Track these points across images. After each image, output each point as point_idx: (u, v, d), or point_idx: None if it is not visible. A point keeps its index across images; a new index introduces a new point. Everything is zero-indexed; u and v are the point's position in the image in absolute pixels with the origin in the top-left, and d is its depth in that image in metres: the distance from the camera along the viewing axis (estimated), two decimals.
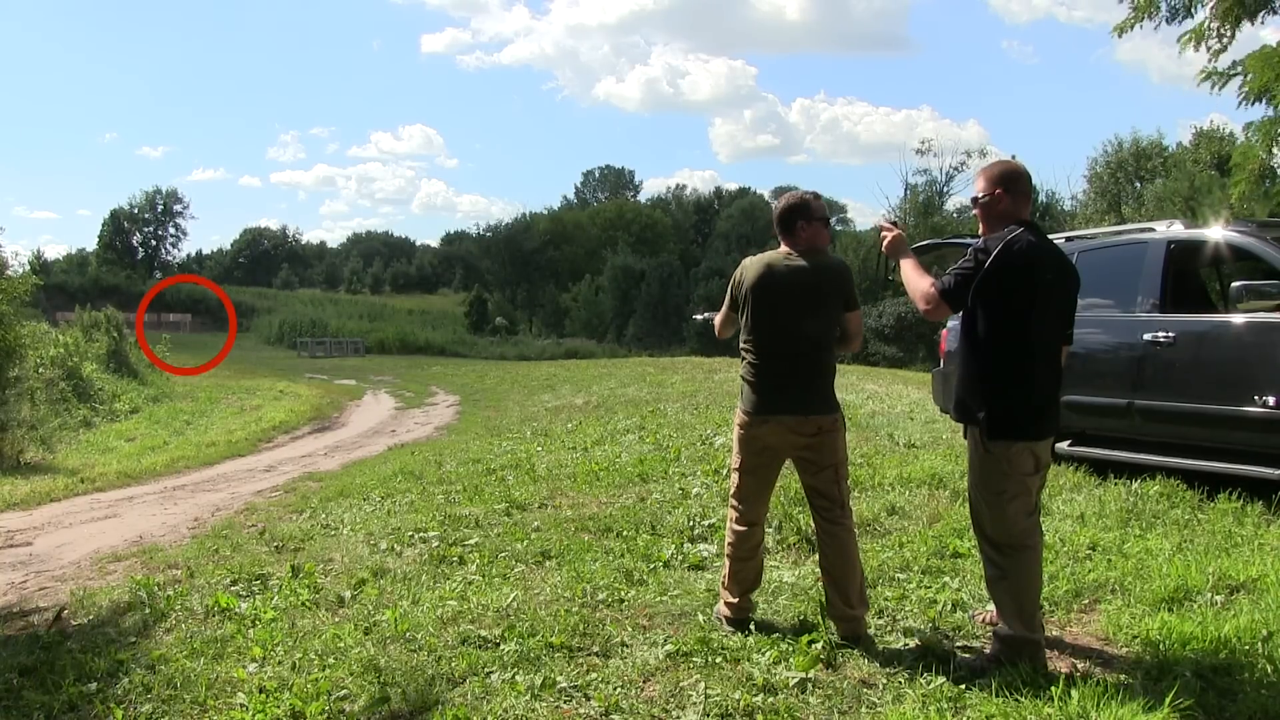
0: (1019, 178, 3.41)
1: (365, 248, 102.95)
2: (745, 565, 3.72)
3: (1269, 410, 5.02)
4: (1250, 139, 10.25)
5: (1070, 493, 5.69)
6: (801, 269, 3.58)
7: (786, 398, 3.58)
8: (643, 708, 3.04)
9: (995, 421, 3.23)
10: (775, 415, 3.59)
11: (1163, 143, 35.14)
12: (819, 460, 3.60)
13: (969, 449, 3.36)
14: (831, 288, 3.61)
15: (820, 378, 3.63)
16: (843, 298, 3.63)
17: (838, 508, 3.61)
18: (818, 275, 3.58)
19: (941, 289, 3.24)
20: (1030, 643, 3.20)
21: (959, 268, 3.24)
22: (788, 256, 3.63)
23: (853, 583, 3.54)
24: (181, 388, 21.21)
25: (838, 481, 3.61)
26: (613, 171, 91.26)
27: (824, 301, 3.60)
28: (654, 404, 12.87)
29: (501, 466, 8.20)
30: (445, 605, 4.05)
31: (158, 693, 3.28)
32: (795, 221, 3.66)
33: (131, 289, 54.43)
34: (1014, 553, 3.24)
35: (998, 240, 3.23)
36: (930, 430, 8.61)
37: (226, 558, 5.41)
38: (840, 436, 3.64)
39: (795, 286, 3.57)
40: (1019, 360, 3.24)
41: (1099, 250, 6.50)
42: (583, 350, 42.91)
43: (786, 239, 3.69)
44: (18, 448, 11.48)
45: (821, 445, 3.58)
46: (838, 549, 3.58)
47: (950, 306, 3.27)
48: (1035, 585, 3.28)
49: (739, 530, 3.72)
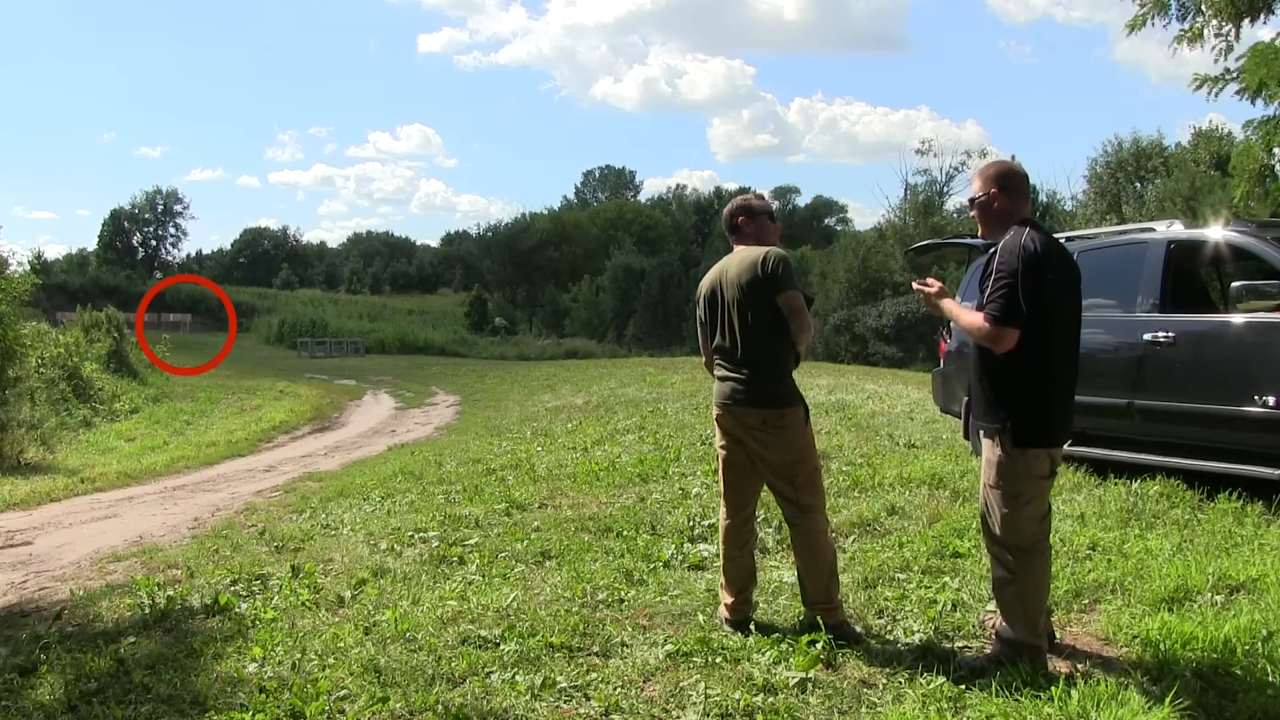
0: (1015, 177, 3.39)
1: (365, 248, 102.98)
2: (734, 563, 3.74)
3: (1269, 410, 5.01)
4: (1250, 138, 10.25)
5: (1070, 493, 5.69)
6: (738, 264, 3.66)
7: (721, 390, 3.71)
8: (643, 708, 3.04)
9: (1022, 428, 3.19)
10: (716, 408, 3.75)
11: (1163, 143, 35.12)
12: (767, 456, 3.61)
13: (986, 452, 3.30)
14: (755, 274, 3.57)
15: (756, 370, 3.60)
16: (770, 283, 3.56)
17: (793, 507, 3.61)
18: (748, 267, 3.61)
19: (995, 318, 3.12)
20: (1032, 647, 3.19)
21: (994, 288, 3.14)
22: (728, 257, 3.76)
23: (813, 581, 3.59)
24: (181, 388, 21.20)
25: (790, 480, 3.59)
26: (613, 171, 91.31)
27: (750, 293, 3.58)
28: (654, 404, 12.87)
29: (501, 466, 8.20)
30: (445, 605, 4.05)
31: (158, 693, 3.28)
32: (736, 221, 3.80)
33: (132, 289, 54.36)
34: (1025, 556, 3.22)
35: (1013, 244, 3.17)
36: (930, 430, 8.61)
37: (226, 558, 5.41)
38: (791, 435, 3.59)
39: (730, 282, 3.65)
40: (1045, 364, 3.19)
41: (1099, 250, 6.50)
42: (583, 350, 42.81)
43: (735, 239, 3.81)
44: (18, 448, 11.48)
45: (769, 440, 3.58)
46: (797, 547, 3.65)
47: (1013, 328, 3.11)
48: (1043, 590, 3.27)
49: (723, 525, 3.80)
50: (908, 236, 33.17)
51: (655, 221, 72.26)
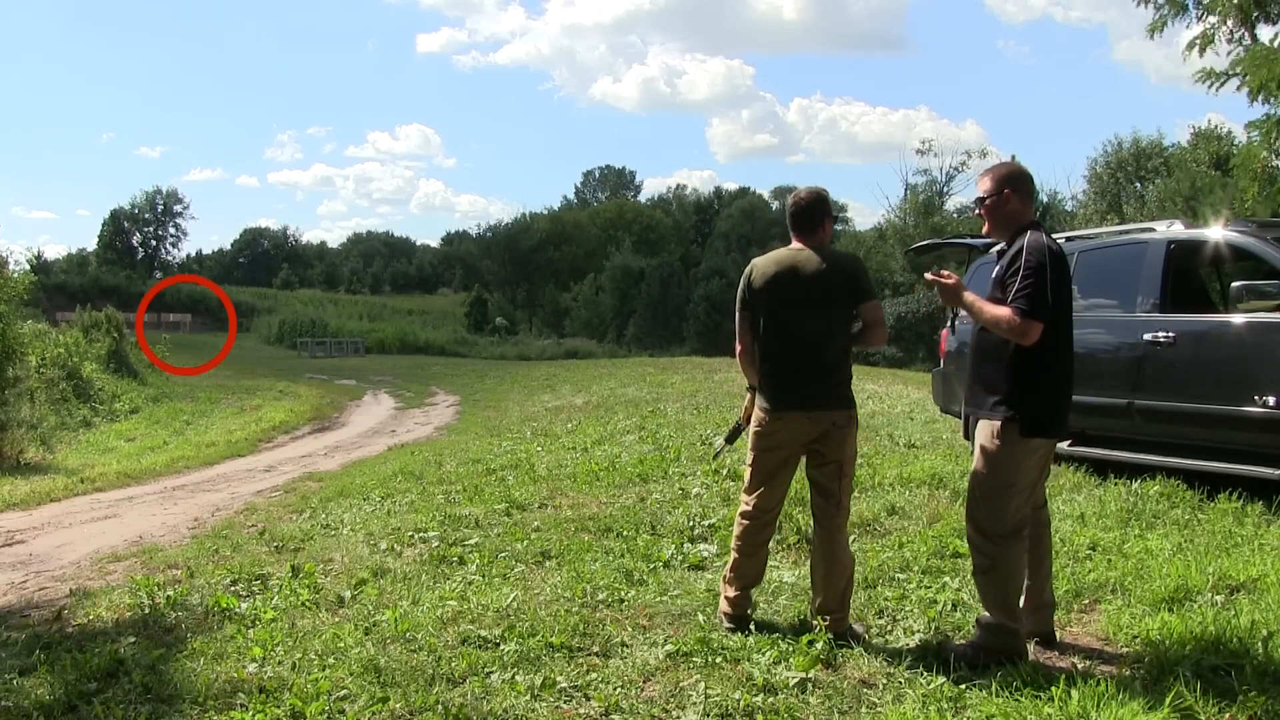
0: (1025, 179, 3.46)
1: (365, 248, 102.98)
2: (750, 559, 3.74)
3: (1269, 410, 5.02)
4: (1251, 139, 10.24)
5: (1070, 493, 5.69)
6: (817, 265, 3.60)
7: (799, 394, 3.62)
8: (643, 708, 3.04)
9: (1034, 418, 3.26)
10: (789, 411, 3.63)
11: (1163, 143, 35.10)
12: (836, 455, 3.62)
13: (982, 440, 3.35)
14: (843, 280, 3.60)
15: (836, 373, 3.64)
16: (856, 291, 3.61)
17: (833, 504, 3.61)
18: (832, 270, 3.59)
19: (1024, 311, 3.16)
20: (1010, 630, 3.27)
21: (1022, 283, 3.17)
22: (798, 253, 3.66)
23: (831, 586, 3.56)
24: (181, 388, 21.19)
25: (841, 477, 3.62)
26: (613, 171, 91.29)
27: (835, 297, 3.60)
28: (654, 404, 12.88)
29: (501, 466, 8.20)
30: (445, 605, 4.04)
31: (158, 693, 3.28)
32: (822, 217, 3.70)
33: (132, 289, 54.34)
34: (1005, 543, 3.29)
35: (1038, 243, 3.23)
36: (930, 430, 8.61)
37: (226, 558, 5.41)
38: (854, 434, 3.67)
39: (810, 283, 3.58)
40: (1053, 360, 3.28)
41: (1100, 250, 6.50)
42: (583, 350, 42.80)
43: (806, 236, 3.69)
44: (18, 448, 11.48)
45: (841, 439, 3.61)
46: (824, 549, 3.62)
47: (1041, 321, 3.17)
48: (1020, 576, 3.36)
49: (749, 521, 3.73)
50: (908, 236, 33.20)
51: (655, 221, 72.24)
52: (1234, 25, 9.64)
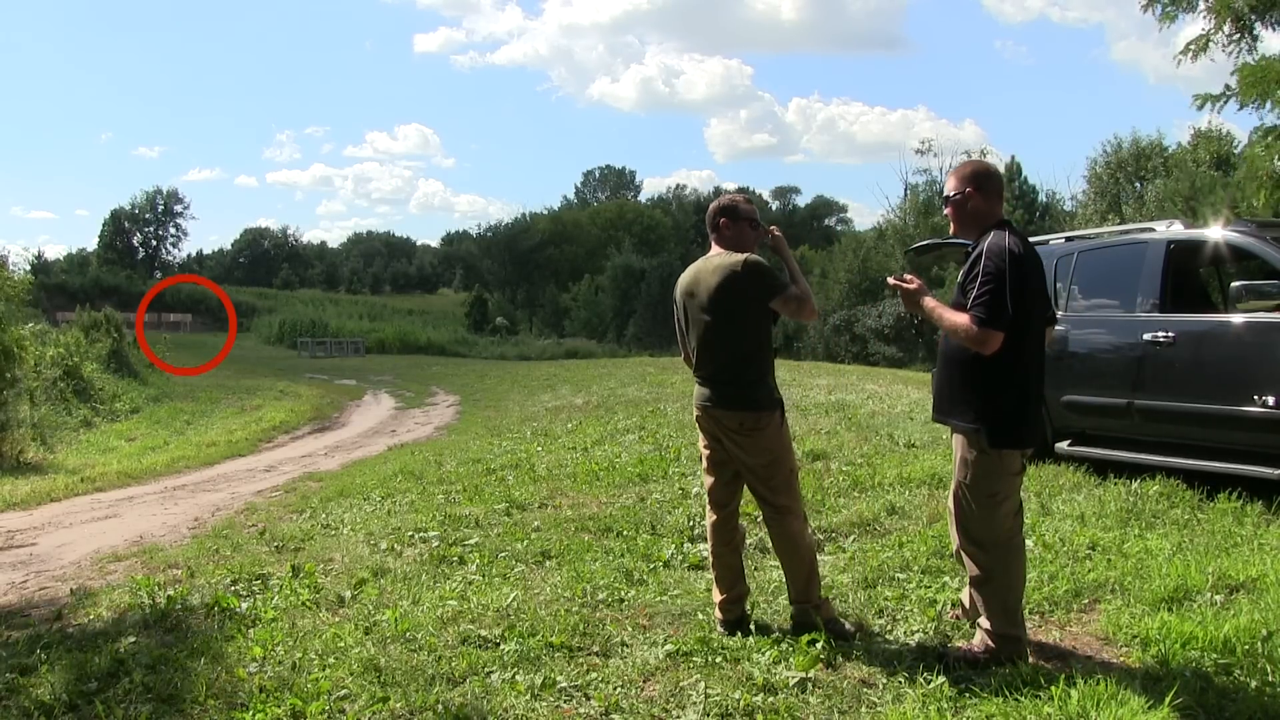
0: (991, 177, 3.39)
1: (365, 248, 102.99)
2: (721, 561, 3.76)
3: (1269, 410, 5.02)
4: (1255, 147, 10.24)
5: (1070, 493, 5.69)
6: (710, 270, 3.62)
7: (700, 394, 3.70)
8: (643, 708, 3.04)
9: (1000, 430, 3.19)
10: (698, 408, 3.74)
11: (1162, 143, 35.07)
12: (744, 459, 3.63)
13: (961, 452, 3.31)
14: (729, 284, 3.55)
15: (734, 376, 3.60)
16: (756, 291, 3.55)
17: (769, 508, 3.65)
18: (723, 276, 3.56)
19: (981, 320, 3.06)
20: (1014, 639, 3.24)
21: (980, 290, 3.08)
22: (704, 260, 3.73)
23: (792, 579, 3.65)
24: (181, 388, 21.18)
25: (767, 481, 3.62)
26: (613, 171, 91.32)
27: (725, 301, 3.55)
28: (654, 404, 12.87)
29: (501, 466, 8.20)
30: (445, 605, 4.05)
31: (158, 692, 3.28)
32: (718, 223, 3.75)
33: (132, 289, 54.37)
34: (1001, 552, 3.26)
35: (999, 246, 3.13)
36: (930, 430, 8.60)
37: (227, 558, 5.41)
38: (767, 437, 3.58)
39: (701, 289, 3.62)
40: (1024, 368, 3.20)
41: (1099, 250, 6.50)
42: (583, 350, 42.73)
43: (714, 241, 3.78)
44: (18, 448, 11.48)
45: (745, 443, 3.60)
46: (775, 547, 3.74)
47: (999, 330, 3.06)
48: (1020, 583, 3.32)
49: (709, 523, 3.85)
50: (908, 236, 33.20)
51: (655, 221, 72.18)
52: (1231, 29, 9.63)
